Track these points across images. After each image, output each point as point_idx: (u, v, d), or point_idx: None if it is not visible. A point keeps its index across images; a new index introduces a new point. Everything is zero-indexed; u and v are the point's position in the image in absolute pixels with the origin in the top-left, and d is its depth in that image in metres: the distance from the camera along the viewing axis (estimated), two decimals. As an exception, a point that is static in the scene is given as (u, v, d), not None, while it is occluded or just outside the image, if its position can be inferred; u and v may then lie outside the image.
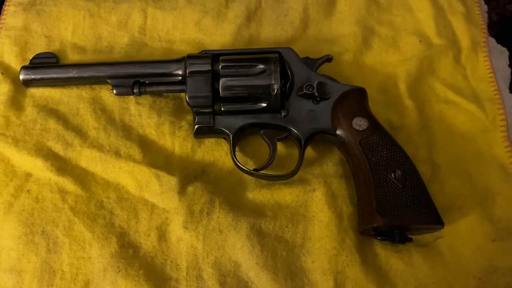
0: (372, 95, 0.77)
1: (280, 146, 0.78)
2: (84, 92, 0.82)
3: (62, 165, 0.76)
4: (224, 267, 0.70)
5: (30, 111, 0.80)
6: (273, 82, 0.73)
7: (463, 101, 0.82)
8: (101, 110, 0.81)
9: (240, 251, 0.71)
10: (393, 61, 0.87)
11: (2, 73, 0.83)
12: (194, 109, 0.75)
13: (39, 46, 0.86)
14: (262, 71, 0.73)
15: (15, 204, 0.74)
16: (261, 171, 0.74)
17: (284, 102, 0.75)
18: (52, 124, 0.79)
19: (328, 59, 0.79)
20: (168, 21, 0.89)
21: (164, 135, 0.80)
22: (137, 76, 0.78)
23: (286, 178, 0.75)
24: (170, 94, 0.83)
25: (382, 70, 0.86)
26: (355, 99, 0.75)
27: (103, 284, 0.69)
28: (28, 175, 0.76)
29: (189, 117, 0.81)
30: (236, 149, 0.77)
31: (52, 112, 0.80)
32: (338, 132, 0.73)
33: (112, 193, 0.75)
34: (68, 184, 0.75)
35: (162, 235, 0.73)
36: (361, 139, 0.71)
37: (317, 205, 0.74)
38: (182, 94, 0.82)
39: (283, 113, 0.74)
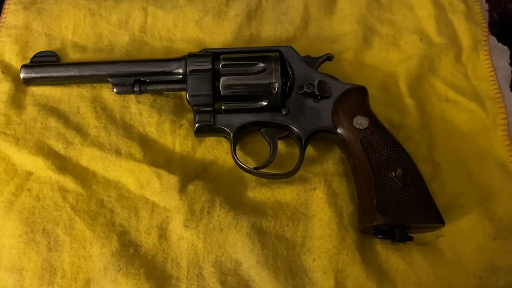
0: (372, 94, 0.77)
1: (280, 145, 0.78)
2: (85, 90, 0.82)
3: (62, 164, 0.76)
4: (225, 266, 0.70)
5: (30, 110, 0.80)
6: (273, 81, 0.73)
7: (464, 100, 0.82)
8: (101, 109, 0.81)
9: (241, 249, 0.71)
10: (394, 60, 0.87)
11: (3, 72, 0.83)
12: (195, 107, 0.75)
13: (40, 45, 0.86)
14: (263, 70, 0.73)
15: (16, 203, 0.74)
16: (262, 170, 0.74)
17: (285, 101, 0.75)
18: (52, 122, 0.79)
19: (329, 57, 0.79)
20: (169, 19, 0.89)
21: (164, 133, 0.80)
22: (137, 75, 0.78)
23: (287, 176, 0.75)
24: (170, 92, 0.83)
25: (383, 68, 0.86)
26: (356, 97, 0.75)
27: (104, 282, 0.69)
28: (29, 173, 0.76)
29: (190, 115, 0.81)
30: (237, 147, 0.77)
31: (52, 110, 0.80)
32: (339, 130, 0.73)
33: (113, 191, 0.75)
34: (68, 182, 0.75)
35: (163, 234, 0.73)
36: (361, 137, 0.71)
37: (317, 203, 0.74)
38: (183, 93, 0.82)
39: (283, 112, 0.74)
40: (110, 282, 0.69)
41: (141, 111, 0.81)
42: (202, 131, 0.75)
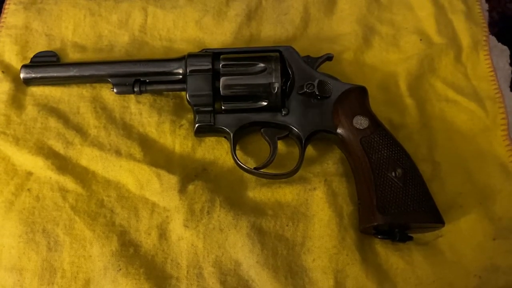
0: (372, 94, 0.77)
1: (280, 145, 0.78)
2: (85, 90, 0.82)
3: (62, 164, 0.76)
4: (225, 266, 0.70)
5: (30, 110, 0.80)
6: (273, 81, 0.73)
7: (464, 100, 0.82)
8: (101, 109, 0.81)
9: (241, 249, 0.71)
10: (394, 60, 0.87)
11: (3, 72, 0.83)
12: (195, 107, 0.75)
13: (40, 45, 0.86)
14: (263, 70, 0.73)
15: (16, 203, 0.74)
16: (262, 170, 0.74)
17: (285, 101, 0.75)
18: (52, 122, 0.79)
19: (329, 57, 0.79)
20: (169, 19, 0.89)
21: (164, 133, 0.80)
22: (137, 75, 0.78)
23: (287, 176, 0.75)
24: (170, 93, 0.83)
25: (383, 68, 0.86)
26: (356, 97, 0.75)
27: (104, 282, 0.69)
28: (29, 173, 0.76)
29: (190, 115, 0.81)
30: (237, 147, 0.77)
31: (52, 110, 0.80)
32: (339, 130, 0.73)
33: (113, 191, 0.75)
34: (68, 182, 0.75)
35: (163, 234, 0.73)
36: (361, 137, 0.71)
37: (317, 203, 0.74)
38: (183, 93, 0.82)
39: (283, 112, 0.74)
40: (110, 282, 0.69)
41: (141, 111, 0.81)
42: (202, 131, 0.75)
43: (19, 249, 0.71)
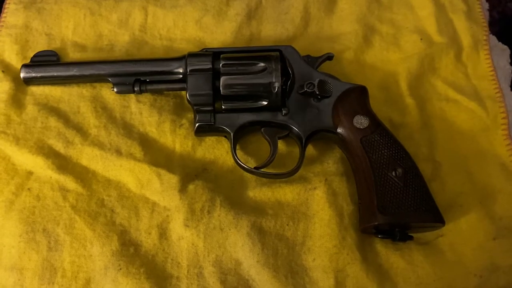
0: (373, 93, 0.77)
1: (281, 144, 0.78)
2: (85, 90, 0.82)
3: (63, 163, 0.76)
4: (225, 265, 0.71)
5: (31, 109, 0.80)
6: (274, 80, 0.73)
7: (464, 99, 0.82)
8: (102, 108, 0.81)
9: (241, 249, 0.71)
10: (394, 59, 0.87)
11: (3, 71, 0.83)
12: (195, 107, 0.75)
13: (40, 44, 0.86)
14: (263, 69, 0.73)
15: (16, 202, 0.74)
16: (262, 169, 0.74)
17: (285, 100, 0.75)
18: (53, 122, 0.79)
19: (329, 57, 0.79)
20: (169, 19, 0.89)
21: (165, 133, 0.80)
22: (137, 74, 0.78)
23: (287, 176, 0.75)
24: (171, 92, 0.83)
25: (383, 68, 0.86)
26: (356, 97, 0.75)
27: (104, 282, 0.69)
28: (29, 173, 0.76)
29: (190, 115, 0.81)
30: (237, 147, 0.77)
31: (53, 110, 0.80)
32: (339, 130, 0.73)
33: (113, 191, 0.75)
34: (69, 182, 0.75)
35: (163, 233, 0.73)
36: (362, 137, 0.71)
37: (318, 203, 0.74)
38: (183, 92, 0.82)
39: (284, 111, 0.74)
40: (111, 281, 0.69)
41: (142, 111, 0.81)
42: (202, 131, 0.75)
43: (19, 249, 0.71)
